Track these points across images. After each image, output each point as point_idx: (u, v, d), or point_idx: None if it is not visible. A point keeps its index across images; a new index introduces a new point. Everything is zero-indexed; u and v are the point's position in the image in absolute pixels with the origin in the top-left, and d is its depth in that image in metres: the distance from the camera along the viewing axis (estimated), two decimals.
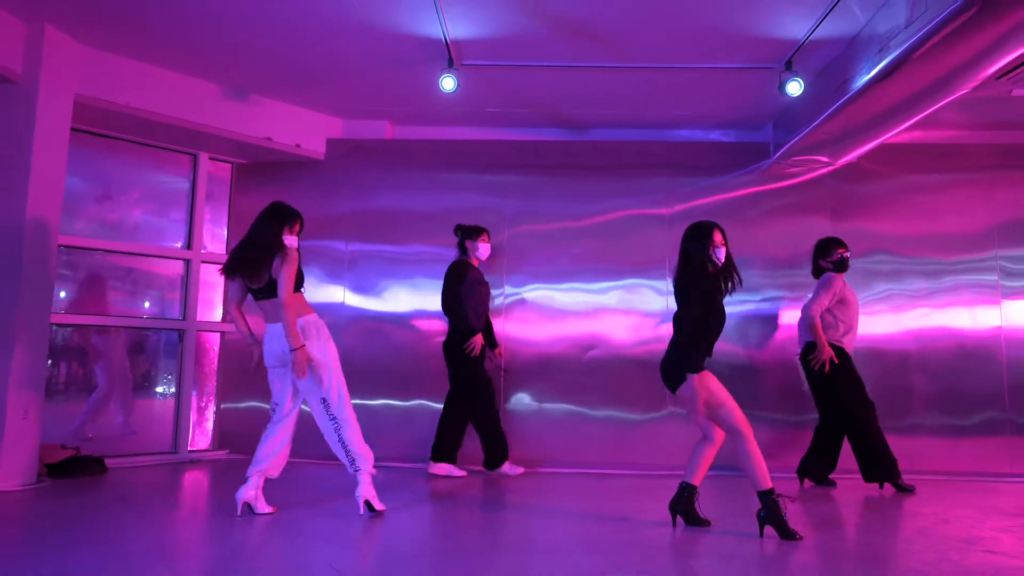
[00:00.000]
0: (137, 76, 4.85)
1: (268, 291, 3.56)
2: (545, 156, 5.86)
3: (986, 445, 5.33)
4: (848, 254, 4.76)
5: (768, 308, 5.60)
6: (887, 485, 4.60)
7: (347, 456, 3.58)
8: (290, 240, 3.59)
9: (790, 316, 5.48)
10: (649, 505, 4.00)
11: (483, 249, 5.08)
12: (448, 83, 4.56)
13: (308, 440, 4.19)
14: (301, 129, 5.73)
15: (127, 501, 3.95)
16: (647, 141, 5.89)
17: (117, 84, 4.75)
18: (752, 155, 5.79)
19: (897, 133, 4.95)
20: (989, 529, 3.54)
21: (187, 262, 5.50)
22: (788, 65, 4.58)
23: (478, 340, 4.89)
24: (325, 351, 3.56)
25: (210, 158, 5.64)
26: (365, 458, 3.59)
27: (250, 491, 3.54)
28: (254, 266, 3.52)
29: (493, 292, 5.37)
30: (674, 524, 3.48)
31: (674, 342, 3.42)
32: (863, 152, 5.46)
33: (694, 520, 3.48)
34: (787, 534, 3.25)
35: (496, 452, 4.96)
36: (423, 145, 5.92)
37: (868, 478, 4.54)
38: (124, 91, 4.79)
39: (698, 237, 3.42)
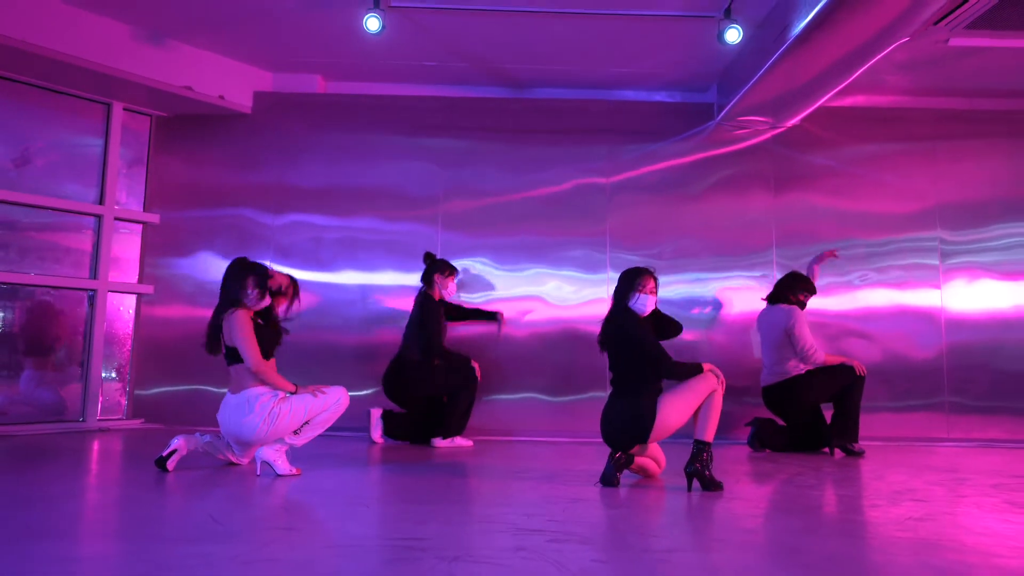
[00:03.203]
0: (36, 10, 4.49)
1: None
2: (482, 117, 5.63)
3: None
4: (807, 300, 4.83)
5: (713, 284, 5.46)
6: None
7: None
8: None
9: (734, 296, 5.40)
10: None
11: (451, 288, 4.90)
12: (373, 23, 4.31)
13: None
14: (226, 80, 5.41)
15: (21, 465, 3.61)
16: (589, 100, 5.71)
17: (9, 15, 4.39)
18: (696, 117, 5.65)
19: (839, 91, 4.88)
20: None
21: (98, 218, 5.14)
22: (727, 13, 4.44)
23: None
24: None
25: (125, 109, 5.28)
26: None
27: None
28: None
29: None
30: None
31: (629, 393, 3.24)
32: (806, 114, 5.38)
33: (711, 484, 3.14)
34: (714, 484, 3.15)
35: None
36: (355, 101, 5.65)
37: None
38: (20, 25, 4.42)
39: (626, 281, 3.35)
